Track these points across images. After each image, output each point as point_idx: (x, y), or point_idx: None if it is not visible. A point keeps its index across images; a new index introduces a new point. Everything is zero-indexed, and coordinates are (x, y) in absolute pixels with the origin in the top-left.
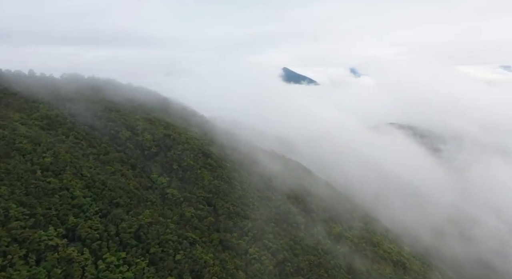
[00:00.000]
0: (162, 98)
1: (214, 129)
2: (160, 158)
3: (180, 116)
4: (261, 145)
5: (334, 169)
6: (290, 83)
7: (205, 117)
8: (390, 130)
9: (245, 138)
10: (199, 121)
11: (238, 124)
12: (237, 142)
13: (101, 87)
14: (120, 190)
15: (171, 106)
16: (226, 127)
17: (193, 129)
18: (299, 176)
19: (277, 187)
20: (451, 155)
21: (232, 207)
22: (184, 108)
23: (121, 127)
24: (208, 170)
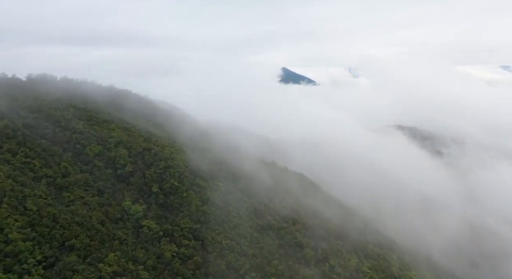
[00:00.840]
0: (148, 103)
1: (207, 138)
2: (137, 179)
3: (168, 123)
4: (260, 154)
5: (334, 174)
6: (289, 83)
7: (198, 124)
8: (392, 132)
9: (242, 147)
10: (190, 128)
11: (234, 128)
12: (233, 153)
13: (74, 90)
14: (77, 227)
15: (158, 112)
16: (221, 133)
17: (181, 140)
18: (305, 192)
19: (280, 209)
20: (455, 159)
21: (225, 240)
22: (174, 114)
23: (90, 140)
24: (197, 192)
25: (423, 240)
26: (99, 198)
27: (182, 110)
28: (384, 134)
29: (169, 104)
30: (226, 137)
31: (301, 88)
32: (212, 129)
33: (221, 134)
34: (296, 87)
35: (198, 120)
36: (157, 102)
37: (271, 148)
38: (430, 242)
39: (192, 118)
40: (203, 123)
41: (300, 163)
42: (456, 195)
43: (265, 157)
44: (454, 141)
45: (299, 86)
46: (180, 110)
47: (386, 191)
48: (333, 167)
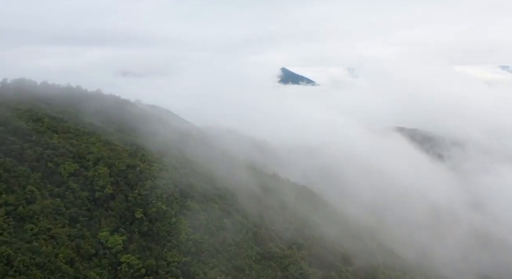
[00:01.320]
0: (139, 110)
1: (201, 148)
2: (118, 203)
3: (159, 133)
4: (259, 164)
5: (334, 181)
6: (288, 83)
7: (192, 131)
8: (392, 135)
9: (239, 157)
10: (183, 138)
11: (230, 134)
12: (228, 166)
13: (53, 97)
14: (37, 271)
15: (149, 119)
16: (216, 140)
17: (171, 152)
18: (308, 208)
19: (282, 232)
20: (457, 163)
21: (220, 276)
22: (167, 121)
23: (65, 157)
24: (188, 217)
25: (432, 254)
26: (70, 228)
27: (177, 115)
28: (384, 137)
29: (163, 109)
30: (221, 145)
31: (300, 89)
32: (206, 136)
33: (217, 141)
34: (295, 88)
35: (192, 127)
36: (149, 108)
37: (269, 155)
38: (439, 256)
39: (185, 124)
40: (197, 129)
41: (299, 170)
42: (461, 202)
43: (265, 167)
44: (455, 144)
45: (298, 87)
46: (175, 115)
47: (389, 198)
48: (333, 174)
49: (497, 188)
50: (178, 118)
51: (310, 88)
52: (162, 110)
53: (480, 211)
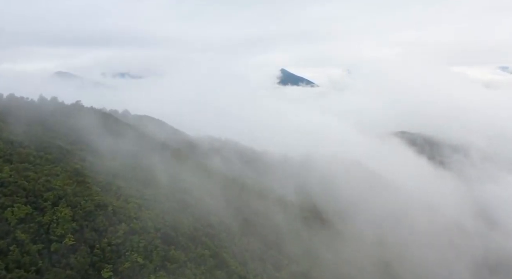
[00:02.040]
0: (124, 127)
1: (193, 169)
2: (80, 258)
3: (144, 156)
4: (255, 180)
5: (334, 193)
6: (287, 85)
7: (182, 149)
8: (393, 141)
9: (234, 173)
10: (173, 158)
11: (228, 146)
12: (226, 194)
13: (19, 113)
14: None
15: (134, 138)
16: (210, 156)
17: (157, 179)
18: (317, 239)
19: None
20: (460, 171)
21: None
22: (155, 137)
23: (16, 197)
24: (170, 272)
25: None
26: None
27: (168, 125)
28: (385, 143)
29: (154, 120)
30: (214, 162)
31: (300, 90)
32: (198, 151)
33: (209, 156)
34: (295, 89)
35: (183, 140)
36: (138, 120)
37: (264, 167)
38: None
39: (176, 137)
40: (188, 143)
41: (296, 182)
42: (468, 214)
43: (259, 184)
44: (457, 149)
45: (297, 88)
46: (166, 125)
47: (395, 213)
48: (333, 186)
49: (504, 197)
50: (170, 129)
51: (309, 89)
52: (152, 121)
53: (492, 226)
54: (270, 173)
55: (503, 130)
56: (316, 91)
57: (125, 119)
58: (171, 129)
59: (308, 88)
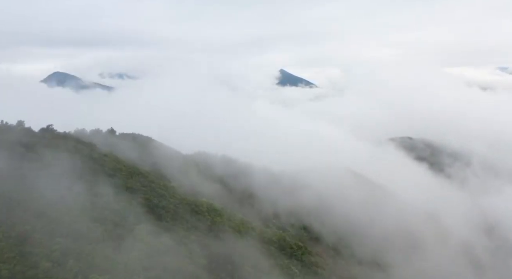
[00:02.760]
0: (97, 156)
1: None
2: None
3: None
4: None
5: (330, 214)
6: (286, 85)
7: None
8: (393, 147)
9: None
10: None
11: (231, 164)
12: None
13: None
14: None
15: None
16: (212, 180)
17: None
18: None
19: None
20: (462, 181)
21: None
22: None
23: None
24: None
25: None
26: None
27: (161, 143)
28: (384, 151)
29: (139, 137)
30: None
31: (298, 91)
32: (201, 169)
33: (214, 180)
34: (294, 90)
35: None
36: (123, 140)
37: (254, 183)
38: None
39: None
40: (192, 158)
41: (288, 202)
42: (478, 231)
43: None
44: (458, 157)
45: (296, 89)
46: (158, 144)
47: (397, 231)
48: (330, 207)
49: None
50: (162, 148)
51: (308, 90)
52: (140, 139)
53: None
54: (262, 190)
55: (503, 136)
56: (315, 92)
57: (109, 140)
58: (163, 147)
59: (307, 89)
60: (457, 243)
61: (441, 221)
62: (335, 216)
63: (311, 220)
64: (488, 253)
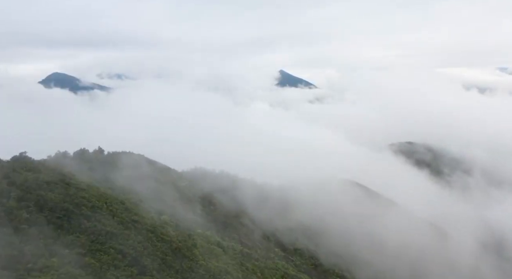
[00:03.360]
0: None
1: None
2: None
3: None
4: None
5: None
6: (286, 86)
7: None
8: (394, 154)
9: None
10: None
11: (224, 180)
12: None
13: None
14: None
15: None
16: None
17: None
18: None
19: None
20: (464, 190)
21: None
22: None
23: None
24: None
25: None
26: None
27: (147, 158)
28: (384, 158)
29: (129, 156)
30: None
31: (298, 92)
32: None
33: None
34: (293, 91)
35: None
36: (107, 160)
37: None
38: None
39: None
40: (187, 175)
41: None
42: (483, 248)
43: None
44: (458, 164)
45: (296, 90)
46: (151, 163)
47: (400, 255)
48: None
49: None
50: (154, 167)
51: (307, 91)
52: (130, 158)
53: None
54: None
55: (503, 139)
56: (315, 93)
57: (95, 159)
58: (155, 165)
59: (306, 89)
60: (465, 264)
61: (447, 238)
62: (333, 235)
63: (306, 241)
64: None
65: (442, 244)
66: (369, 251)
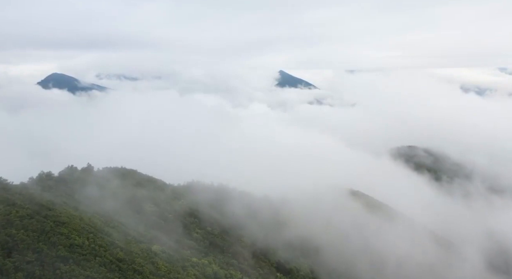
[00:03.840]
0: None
1: None
2: None
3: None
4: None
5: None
6: (285, 87)
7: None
8: (394, 159)
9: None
10: None
11: (226, 195)
12: None
13: None
14: None
15: None
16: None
17: None
18: None
19: None
20: (465, 197)
21: None
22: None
23: None
24: None
25: None
26: None
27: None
28: (385, 164)
29: (121, 171)
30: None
31: (297, 93)
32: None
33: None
34: (292, 91)
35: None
36: (98, 177)
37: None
38: None
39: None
40: (181, 189)
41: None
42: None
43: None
44: (459, 170)
45: (295, 90)
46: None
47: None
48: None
49: None
50: (148, 184)
51: (307, 92)
52: (122, 174)
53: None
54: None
55: (504, 143)
56: (314, 94)
57: (83, 179)
58: (150, 181)
59: (306, 90)
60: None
61: (450, 249)
62: (333, 252)
63: (301, 260)
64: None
65: (445, 256)
66: (371, 268)
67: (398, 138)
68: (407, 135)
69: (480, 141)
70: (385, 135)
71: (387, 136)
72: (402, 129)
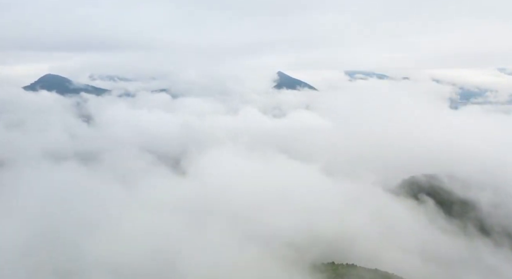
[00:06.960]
0: None
1: None
2: None
3: None
4: None
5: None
6: (283, 88)
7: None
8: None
9: None
10: None
11: None
12: None
13: None
14: None
15: None
16: None
17: None
18: None
19: None
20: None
21: None
22: None
23: None
24: None
25: None
26: None
27: None
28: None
29: None
30: None
31: (295, 95)
32: None
33: None
34: (290, 93)
35: None
36: None
37: None
38: None
39: None
40: None
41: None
42: None
43: None
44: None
45: (292, 92)
46: None
47: None
48: None
49: None
50: None
51: (306, 93)
52: None
53: None
54: None
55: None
56: (314, 95)
57: None
58: None
59: (304, 92)
60: None
61: None
62: None
63: None
64: None
65: None
66: None
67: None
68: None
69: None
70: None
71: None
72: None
